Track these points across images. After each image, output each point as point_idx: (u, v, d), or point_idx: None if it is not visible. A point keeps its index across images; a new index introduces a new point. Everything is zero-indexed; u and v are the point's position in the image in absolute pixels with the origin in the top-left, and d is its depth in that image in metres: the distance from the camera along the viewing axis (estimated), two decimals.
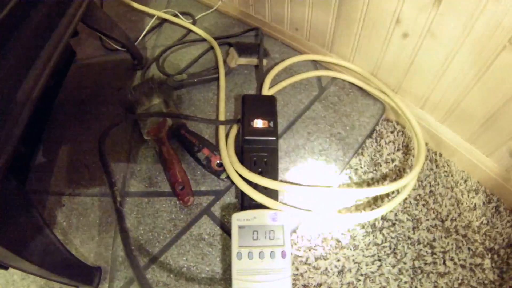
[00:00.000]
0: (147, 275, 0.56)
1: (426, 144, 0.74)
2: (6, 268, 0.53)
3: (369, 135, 0.74)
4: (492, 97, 0.57)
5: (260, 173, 0.57)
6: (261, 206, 0.55)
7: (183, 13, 0.94)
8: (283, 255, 0.51)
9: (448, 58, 0.59)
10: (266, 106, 0.64)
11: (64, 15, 0.50)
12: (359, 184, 0.68)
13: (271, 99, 0.66)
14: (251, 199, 0.55)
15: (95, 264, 0.58)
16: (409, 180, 0.63)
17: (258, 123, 0.61)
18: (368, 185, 0.68)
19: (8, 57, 0.40)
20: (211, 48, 0.83)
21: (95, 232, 0.61)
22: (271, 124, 0.61)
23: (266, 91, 0.72)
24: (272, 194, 0.57)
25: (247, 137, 0.60)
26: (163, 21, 0.94)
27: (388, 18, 0.63)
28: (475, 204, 0.66)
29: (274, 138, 0.60)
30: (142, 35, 0.89)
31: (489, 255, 0.60)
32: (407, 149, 0.73)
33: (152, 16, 0.93)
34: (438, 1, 0.54)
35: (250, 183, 0.57)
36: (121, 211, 0.54)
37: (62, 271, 0.51)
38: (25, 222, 0.44)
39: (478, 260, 0.60)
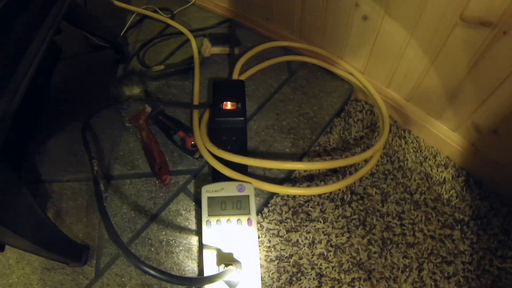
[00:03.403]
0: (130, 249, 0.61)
1: (395, 121, 0.77)
2: (2, 248, 0.58)
3: (337, 114, 0.78)
4: (451, 72, 0.59)
5: (230, 151, 0.62)
6: (230, 180, 0.59)
7: (163, 9, 0.99)
8: (249, 222, 0.56)
9: (407, 37, 0.62)
10: (235, 90, 0.68)
11: (48, 15, 0.56)
12: (327, 160, 0.71)
13: (240, 83, 0.70)
14: (220, 174, 0.59)
15: (83, 242, 0.63)
16: (374, 152, 0.65)
17: (227, 105, 0.66)
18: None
19: None
20: (188, 40, 0.87)
21: (83, 214, 0.66)
22: (239, 105, 0.65)
23: (236, 76, 0.76)
24: (242, 169, 0.61)
25: (217, 118, 0.65)
26: (144, 17, 0.99)
27: (348, 1, 0.66)
28: (444, 178, 0.68)
29: (242, 119, 0.65)
30: (124, 30, 0.93)
31: (459, 226, 0.62)
32: (375, 127, 0.75)
33: (133, 12, 0.98)
34: None
35: (220, 160, 0.61)
36: (97, 178, 0.60)
37: (53, 248, 0.55)
38: (19, 202, 0.48)
39: (448, 231, 0.62)
